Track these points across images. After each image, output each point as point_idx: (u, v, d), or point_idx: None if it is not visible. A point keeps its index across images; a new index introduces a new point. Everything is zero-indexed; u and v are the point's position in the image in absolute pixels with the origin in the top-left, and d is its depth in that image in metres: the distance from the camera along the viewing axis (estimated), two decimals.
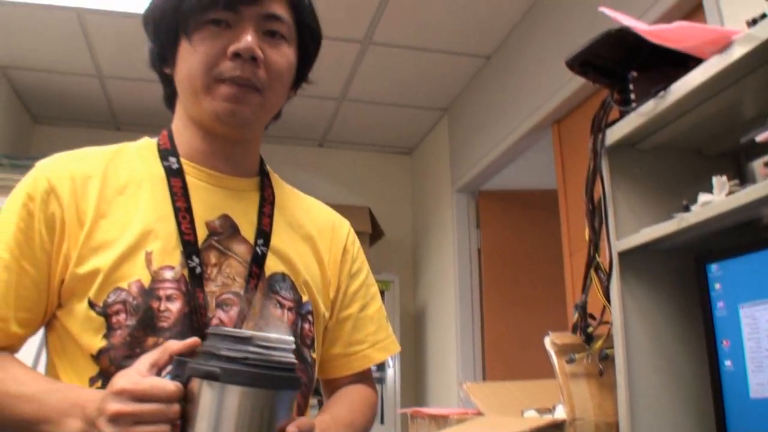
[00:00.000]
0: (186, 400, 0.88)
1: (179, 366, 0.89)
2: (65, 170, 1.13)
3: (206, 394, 0.86)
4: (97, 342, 1.05)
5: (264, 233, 1.20)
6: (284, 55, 1.18)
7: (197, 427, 0.86)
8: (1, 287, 1.06)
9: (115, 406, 0.87)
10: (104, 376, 1.04)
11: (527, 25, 3.48)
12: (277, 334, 0.90)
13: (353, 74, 4.09)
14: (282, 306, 1.17)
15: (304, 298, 1.22)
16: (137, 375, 0.90)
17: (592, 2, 2.79)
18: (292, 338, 0.93)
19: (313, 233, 1.30)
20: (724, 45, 1.31)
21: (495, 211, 4.28)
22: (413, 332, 4.84)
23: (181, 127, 1.23)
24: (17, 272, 1.06)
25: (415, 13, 3.49)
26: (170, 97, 1.26)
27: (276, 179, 1.33)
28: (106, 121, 4.65)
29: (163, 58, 1.19)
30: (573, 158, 3.13)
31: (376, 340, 1.35)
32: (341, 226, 1.39)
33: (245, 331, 0.89)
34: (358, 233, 4.46)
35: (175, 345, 0.93)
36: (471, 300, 4.14)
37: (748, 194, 1.30)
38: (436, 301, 4.53)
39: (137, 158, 1.20)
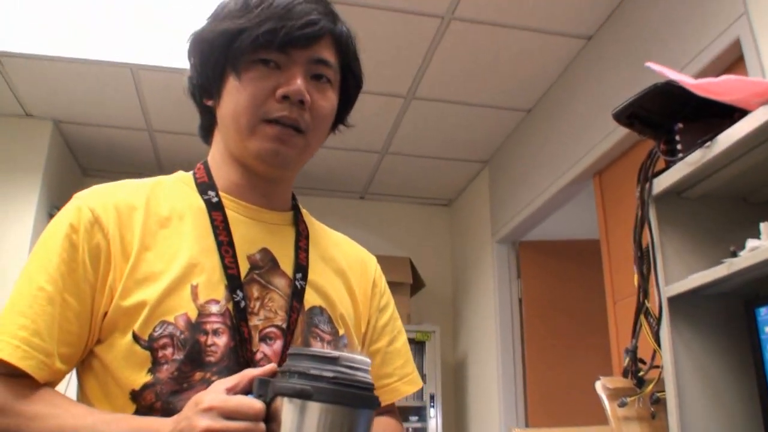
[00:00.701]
0: (268, 419, 0.89)
1: (262, 386, 0.90)
2: (109, 201, 1.12)
3: (292, 413, 0.87)
4: (142, 377, 1.03)
5: (302, 267, 1.21)
6: (328, 99, 1.19)
7: None
8: (47, 321, 1.03)
9: (205, 423, 0.87)
10: (146, 414, 1.03)
11: (567, 79, 3.57)
12: (360, 356, 0.92)
13: (396, 128, 4.20)
14: (322, 339, 1.18)
15: (341, 332, 1.22)
16: (223, 393, 0.90)
17: (630, 56, 2.88)
18: (369, 360, 0.94)
19: (345, 267, 1.31)
20: None
21: (535, 261, 4.32)
22: (454, 382, 4.85)
23: (219, 160, 1.23)
24: (61, 305, 1.04)
25: (458, 68, 3.60)
26: (208, 128, 1.27)
27: (306, 214, 1.33)
28: (152, 173, 4.75)
29: (207, 90, 1.20)
30: (615, 208, 3.18)
31: (405, 374, 1.35)
32: (369, 260, 1.39)
33: (332, 352, 0.90)
34: (400, 284, 4.55)
35: (254, 371, 0.94)
36: (513, 350, 4.16)
37: None
38: (477, 351, 4.55)
39: (176, 191, 1.20)
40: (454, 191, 5.16)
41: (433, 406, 4.36)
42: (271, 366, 0.95)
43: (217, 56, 1.15)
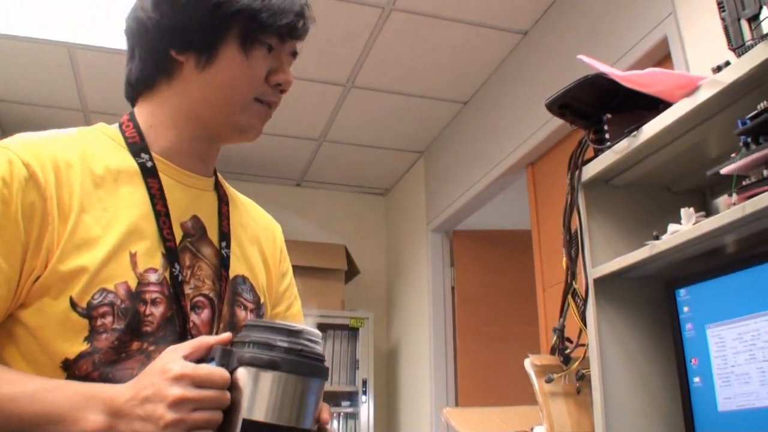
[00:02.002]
0: (230, 388, 0.89)
1: (225, 356, 0.90)
2: (45, 156, 1.04)
3: (258, 382, 0.88)
4: (77, 346, 0.98)
5: (225, 235, 1.19)
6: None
7: (248, 413, 0.88)
8: None
9: (177, 391, 0.85)
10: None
11: (503, 72, 3.66)
12: (315, 330, 0.94)
13: (334, 116, 4.23)
14: (246, 308, 1.18)
15: (262, 299, 1.23)
16: (184, 361, 0.88)
17: (565, 51, 2.98)
18: (320, 333, 0.95)
19: (259, 234, 1.31)
20: (692, 89, 1.46)
21: (469, 250, 4.41)
22: (386, 368, 4.92)
23: (162, 120, 1.16)
24: None
25: (397, 59, 3.65)
26: (152, 80, 1.17)
27: (221, 178, 1.30)
28: None
29: (186, 43, 1.12)
30: (546, 198, 3.28)
31: None
32: (276, 227, 1.39)
33: (297, 325, 0.92)
34: (335, 270, 4.57)
35: (210, 339, 0.92)
36: (444, 336, 4.24)
37: (712, 222, 1.44)
38: (410, 338, 4.63)
39: (105, 147, 1.13)
40: (390, 181, 5.22)
41: (366, 392, 4.41)
42: (227, 335, 0.93)
43: (226, 21, 1.11)
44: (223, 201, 1.23)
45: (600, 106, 1.77)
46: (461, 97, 4.03)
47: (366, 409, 4.41)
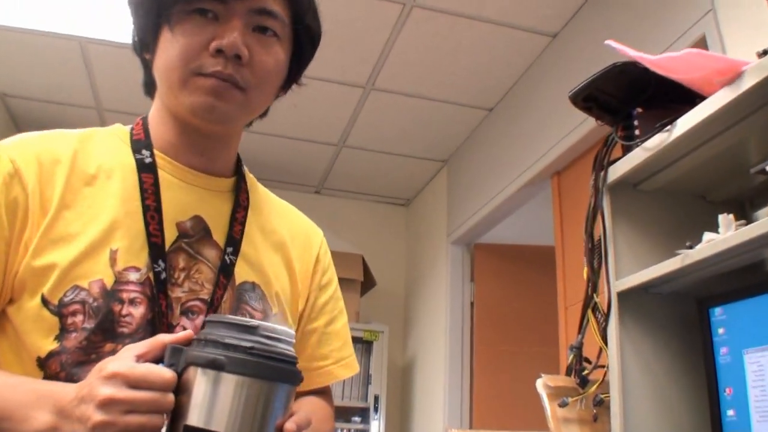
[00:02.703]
0: (178, 390, 0.82)
1: (174, 354, 0.83)
2: (31, 152, 1.04)
3: (205, 384, 0.81)
4: (48, 344, 0.96)
5: (234, 241, 1.13)
6: (273, 54, 1.10)
7: (190, 418, 0.80)
8: None
9: (107, 391, 0.80)
10: None
11: (530, 77, 3.49)
12: (281, 326, 0.86)
13: (354, 119, 4.08)
14: (251, 317, 1.10)
15: (274, 310, 1.15)
16: (131, 360, 0.83)
17: (597, 54, 2.80)
18: (293, 331, 0.88)
19: (286, 240, 1.23)
20: (734, 76, 1.27)
21: (490, 264, 4.24)
22: (401, 383, 4.76)
23: (157, 117, 1.15)
24: None
25: (419, 59, 3.50)
26: (150, 84, 1.16)
27: (252, 180, 1.26)
28: None
29: (144, 43, 1.11)
30: (572, 210, 3.10)
31: (341, 357, 1.28)
32: (315, 234, 1.32)
33: (252, 320, 0.85)
34: (350, 281, 4.43)
35: (167, 337, 0.87)
36: (461, 354, 4.07)
37: (756, 229, 1.25)
38: (426, 353, 4.45)
39: (108, 146, 1.11)
40: (413, 190, 5.06)
41: (377, 408, 4.25)
42: (187, 333, 0.88)
43: (149, 5, 1.06)
44: (240, 205, 1.17)
45: (629, 100, 1.59)
46: (486, 104, 3.87)
47: (377, 426, 4.24)
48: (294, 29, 1.13)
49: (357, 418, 4.27)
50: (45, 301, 0.97)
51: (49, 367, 0.96)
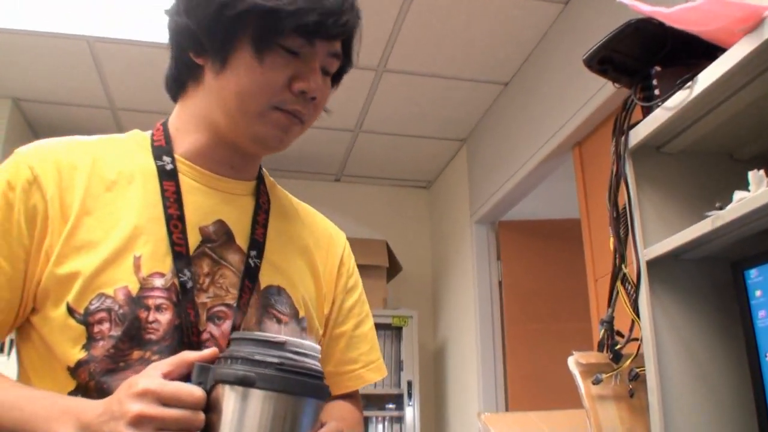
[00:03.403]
0: (207, 408, 0.83)
1: (202, 372, 0.85)
2: (50, 159, 1.04)
3: (234, 401, 0.82)
4: (76, 353, 0.96)
5: (257, 244, 1.12)
6: (327, 89, 1.14)
7: None
8: None
9: (138, 407, 0.81)
10: (82, 392, 0.96)
11: (545, 47, 3.41)
12: (308, 341, 0.88)
13: (369, 104, 4.02)
14: (279, 320, 1.10)
15: (301, 313, 1.14)
16: (159, 378, 0.84)
17: (612, 15, 2.71)
18: (319, 346, 0.89)
19: (310, 244, 1.23)
20: (757, 21, 1.19)
21: (516, 242, 4.17)
22: (433, 369, 4.71)
23: (187, 123, 1.14)
24: None
25: (430, 38, 3.43)
26: (182, 83, 1.15)
27: (272, 184, 1.26)
28: None
29: (202, 47, 1.08)
30: (596, 180, 3.03)
31: (370, 360, 1.28)
32: (338, 238, 1.31)
33: (279, 336, 0.86)
34: (376, 267, 4.39)
35: (191, 354, 0.88)
36: (492, 334, 4.02)
37: None
38: (457, 336, 4.40)
39: (128, 152, 1.12)
40: (433, 172, 4.99)
41: (411, 395, 4.21)
42: (212, 350, 0.90)
43: (236, 23, 1.03)
44: (261, 208, 1.17)
45: (647, 58, 1.51)
46: (501, 78, 3.78)
47: (412, 412, 4.20)
48: (340, 65, 1.16)
49: (391, 405, 4.24)
50: (71, 310, 0.97)
51: (79, 376, 0.96)
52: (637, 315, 1.53)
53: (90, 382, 0.96)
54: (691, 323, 1.51)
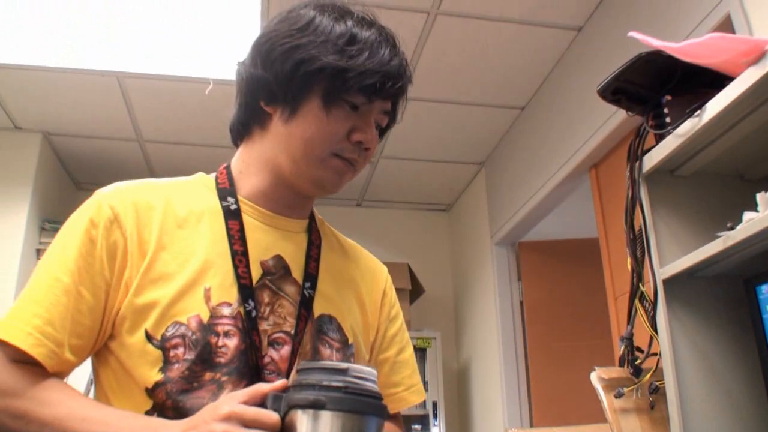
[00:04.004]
0: None
1: (276, 400, 0.93)
2: (129, 200, 1.15)
3: (307, 423, 0.89)
4: (153, 375, 1.06)
5: (311, 276, 1.22)
6: (376, 141, 1.23)
7: None
8: (60, 311, 1.05)
9: (224, 427, 0.90)
10: (158, 411, 1.05)
11: (560, 72, 3.49)
12: (367, 367, 0.96)
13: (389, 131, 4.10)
14: (331, 347, 1.20)
15: (350, 340, 1.24)
16: (238, 403, 0.93)
17: (623, 42, 2.80)
18: (376, 371, 0.97)
19: (356, 277, 1.33)
20: (759, 55, 1.28)
21: (536, 262, 4.22)
22: (457, 389, 4.75)
23: (250, 165, 1.24)
24: (75, 297, 1.07)
25: (448, 66, 3.52)
26: (247, 128, 1.25)
27: (320, 221, 1.36)
28: None
29: (274, 96, 1.18)
30: (613, 201, 3.09)
31: (412, 384, 1.37)
32: (380, 271, 1.41)
33: (342, 363, 0.95)
34: (398, 290, 4.43)
35: (265, 386, 0.96)
36: (515, 353, 4.07)
37: None
38: (480, 356, 4.45)
39: (196, 193, 1.22)
40: (452, 195, 5.07)
41: (436, 415, 4.25)
42: (282, 381, 0.97)
43: (309, 79, 1.14)
44: (314, 244, 1.27)
45: (658, 88, 1.60)
46: (518, 103, 3.87)
47: None
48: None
49: (417, 426, 4.27)
50: (149, 337, 1.07)
51: (157, 396, 1.05)
52: (656, 331, 1.60)
53: (167, 401, 1.05)
54: (707, 337, 1.58)
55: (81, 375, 1.23)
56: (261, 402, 0.94)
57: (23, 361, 1.03)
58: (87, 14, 3.07)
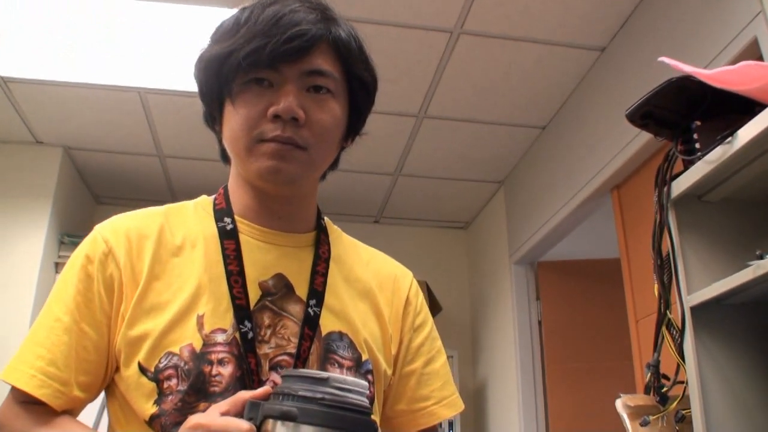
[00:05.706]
0: None
1: (252, 409, 0.88)
2: (122, 231, 1.13)
3: None
4: (149, 408, 1.04)
5: (317, 293, 1.16)
6: (329, 111, 1.13)
7: None
8: (63, 350, 1.05)
9: None
10: None
11: (582, 92, 3.48)
12: (352, 377, 0.91)
13: (409, 148, 4.12)
14: (341, 366, 1.13)
15: (364, 357, 1.17)
16: (215, 414, 0.90)
17: (647, 64, 2.79)
18: (366, 383, 0.91)
19: (373, 287, 1.25)
20: None
21: (555, 282, 4.20)
22: (474, 408, 4.72)
23: (234, 185, 1.21)
24: (77, 335, 1.06)
25: (470, 84, 3.52)
26: (225, 154, 1.23)
27: (333, 231, 1.28)
28: (164, 199, 4.71)
29: (212, 117, 1.18)
30: (634, 222, 3.07)
31: (443, 397, 1.27)
32: (404, 277, 1.33)
33: (322, 372, 0.89)
34: None
35: (247, 393, 0.92)
36: (533, 372, 4.04)
37: None
38: (497, 376, 4.42)
39: (193, 217, 1.19)
40: (471, 213, 5.06)
41: None
42: (265, 389, 0.93)
43: (212, 82, 1.13)
44: (321, 258, 1.20)
45: (687, 113, 1.59)
46: (539, 122, 3.86)
47: None
48: (348, 82, 1.16)
49: None
50: (142, 369, 1.05)
51: (154, 429, 1.03)
52: (682, 358, 1.59)
53: None
54: (735, 365, 1.56)
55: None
56: (243, 411, 0.91)
57: (31, 402, 1.04)
58: (109, 30, 3.10)
